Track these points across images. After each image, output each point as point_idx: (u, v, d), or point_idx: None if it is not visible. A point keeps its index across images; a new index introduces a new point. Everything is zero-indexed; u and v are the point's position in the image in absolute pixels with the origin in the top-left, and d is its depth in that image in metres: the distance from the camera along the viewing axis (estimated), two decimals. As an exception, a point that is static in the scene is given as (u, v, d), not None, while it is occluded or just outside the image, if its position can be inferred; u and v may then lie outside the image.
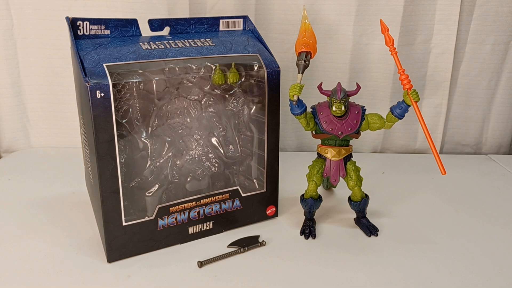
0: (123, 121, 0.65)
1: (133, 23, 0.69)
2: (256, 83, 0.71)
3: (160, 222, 0.67)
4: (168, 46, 0.67)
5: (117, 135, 0.60)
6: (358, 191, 0.72)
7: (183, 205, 0.68)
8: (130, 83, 0.63)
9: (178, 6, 0.95)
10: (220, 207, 0.72)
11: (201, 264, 0.64)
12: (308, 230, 0.73)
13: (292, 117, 0.68)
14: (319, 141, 0.73)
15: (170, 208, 0.67)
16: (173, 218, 0.68)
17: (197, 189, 0.73)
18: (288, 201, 0.81)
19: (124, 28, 0.68)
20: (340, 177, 0.72)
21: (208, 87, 0.71)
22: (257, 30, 0.76)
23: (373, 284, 0.61)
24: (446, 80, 1.05)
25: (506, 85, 1.07)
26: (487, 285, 0.61)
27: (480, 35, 1.02)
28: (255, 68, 0.70)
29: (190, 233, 0.70)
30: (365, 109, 0.70)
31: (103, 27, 0.67)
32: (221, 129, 0.74)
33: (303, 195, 0.74)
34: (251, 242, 0.69)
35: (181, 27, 0.73)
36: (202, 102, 0.71)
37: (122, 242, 0.65)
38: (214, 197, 0.71)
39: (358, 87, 0.69)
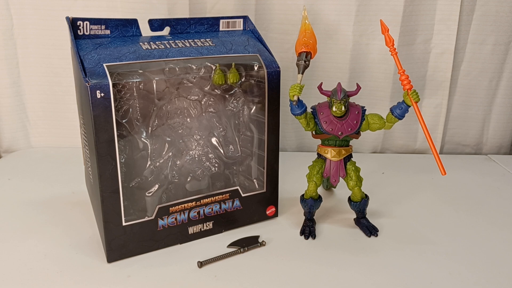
0: (123, 121, 0.65)
1: (133, 23, 0.69)
2: (256, 83, 0.71)
3: (160, 222, 0.67)
4: (168, 46, 0.67)
5: (117, 135, 0.60)
6: (358, 191, 0.72)
7: (183, 205, 0.69)
8: (130, 83, 0.63)
9: (178, 6, 0.95)
10: (220, 207, 0.72)
11: (201, 264, 0.64)
12: (308, 230, 0.73)
13: (292, 117, 0.68)
14: (319, 141, 0.73)
15: (170, 208, 0.67)
16: (173, 218, 0.68)
17: (197, 189, 0.73)
18: (288, 201, 0.81)
19: (124, 28, 0.68)
20: (340, 178, 0.72)
21: (208, 87, 0.71)
22: (257, 30, 0.76)
23: (373, 284, 0.61)
24: (446, 80, 1.05)
25: (507, 85, 1.06)
26: (487, 285, 0.61)
27: (481, 35, 1.02)
28: (255, 68, 0.70)
29: (190, 233, 0.70)
30: (365, 110, 0.70)
31: (103, 27, 0.67)
32: (221, 129, 0.74)
33: (303, 195, 0.74)
34: (251, 242, 0.69)
35: (181, 27, 0.73)
36: (202, 102, 0.71)
37: (122, 242, 0.65)
38: (214, 197, 0.71)
39: (358, 88, 0.69)
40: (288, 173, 0.88)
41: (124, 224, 0.64)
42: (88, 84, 0.57)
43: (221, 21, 0.76)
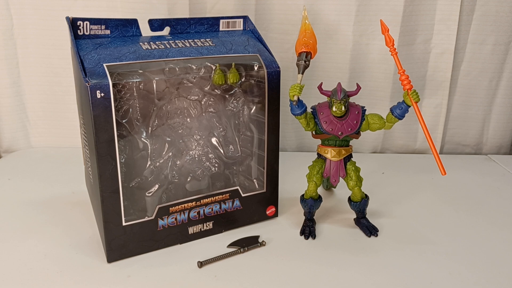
0: (123, 121, 0.65)
1: (133, 23, 0.69)
2: (256, 83, 0.71)
3: (160, 222, 0.67)
4: (168, 46, 0.67)
5: (117, 135, 0.60)
6: (358, 191, 0.72)
7: (183, 205, 0.69)
8: (130, 83, 0.63)
9: (178, 6, 0.95)
10: (220, 207, 0.72)
11: (201, 264, 0.64)
12: (308, 230, 0.73)
13: (292, 117, 0.68)
14: (319, 141, 0.73)
15: (170, 208, 0.67)
16: (173, 218, 0.68)
17: (197, 189, 0.73)
18: (288, 201, 0.81)
19: (124, 28, 0.68)
20: (340, 178, 0.72)
21: (208, 87, 0.71)
22: (257, 30, 0.76)
23: (373, 284, 0.61)
24: (446, 80, 1.05)
25: (507, 85, 1.06)
26: (487, 285, 0.61)
27: (481, 35, 1.02)
28: (255, 68, 0.70)
29: (190, 233, 0.70)
30: (365, 110, 0.70)
31: (103, 27, 0.67)
32: (221, 129, 0.74)
33: (303, 195, 0.74)
34: (251, 242, 0.69)
35: (181, 27, 0.73)
36: (202, 102, 0.71)
37: (122, 242, 0.65)
38: (214, 197, 0.71)
39: (358, 88, 0.69)
40: (288, 173, 0.88)
41: (124, 224, 0.64)
42: (88, 84, 0.57)
43: (221, 21, 0.76)
